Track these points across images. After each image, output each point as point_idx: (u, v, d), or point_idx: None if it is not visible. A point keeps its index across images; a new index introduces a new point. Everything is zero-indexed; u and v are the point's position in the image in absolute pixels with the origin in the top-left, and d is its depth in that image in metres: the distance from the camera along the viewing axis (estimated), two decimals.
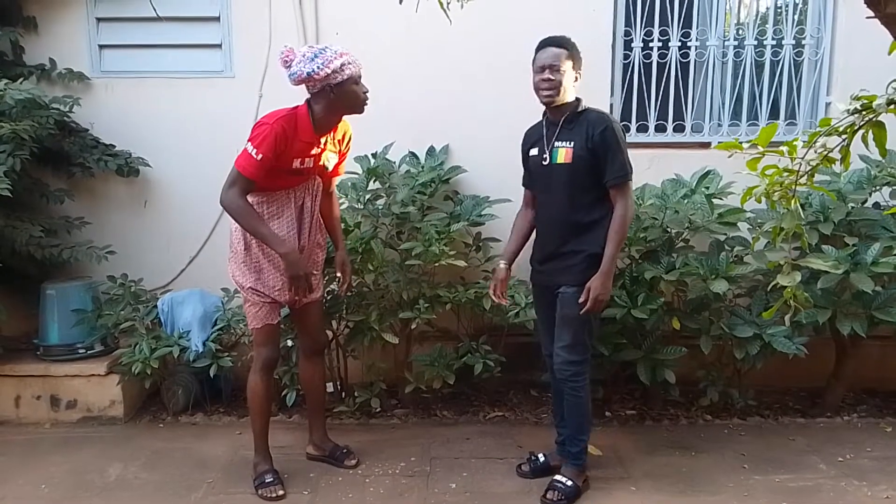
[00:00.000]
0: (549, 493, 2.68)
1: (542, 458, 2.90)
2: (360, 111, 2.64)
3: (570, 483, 2.69)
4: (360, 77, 2.59)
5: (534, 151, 2.72)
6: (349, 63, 2.51)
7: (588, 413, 2.73)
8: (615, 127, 2.57)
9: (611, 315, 3.04)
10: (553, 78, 2.55)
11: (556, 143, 2.61)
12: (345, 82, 2.52)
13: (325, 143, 2.68)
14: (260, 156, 2.47)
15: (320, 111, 2.59)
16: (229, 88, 3.71)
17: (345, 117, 2.72)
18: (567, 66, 2.56)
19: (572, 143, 2.58)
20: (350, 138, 2.85)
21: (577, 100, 2.64)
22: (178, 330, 3.48)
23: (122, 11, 3.67)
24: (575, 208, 2.61)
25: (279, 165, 2.55)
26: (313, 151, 2.64)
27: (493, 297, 2.82)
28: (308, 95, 2.60)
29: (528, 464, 2.91)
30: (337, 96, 2.54)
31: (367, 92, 2.62)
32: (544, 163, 2.65)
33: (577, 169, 2.58)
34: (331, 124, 2.66)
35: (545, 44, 2.60)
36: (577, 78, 2.61)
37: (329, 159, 2.75)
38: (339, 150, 2.82)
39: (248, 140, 2.51)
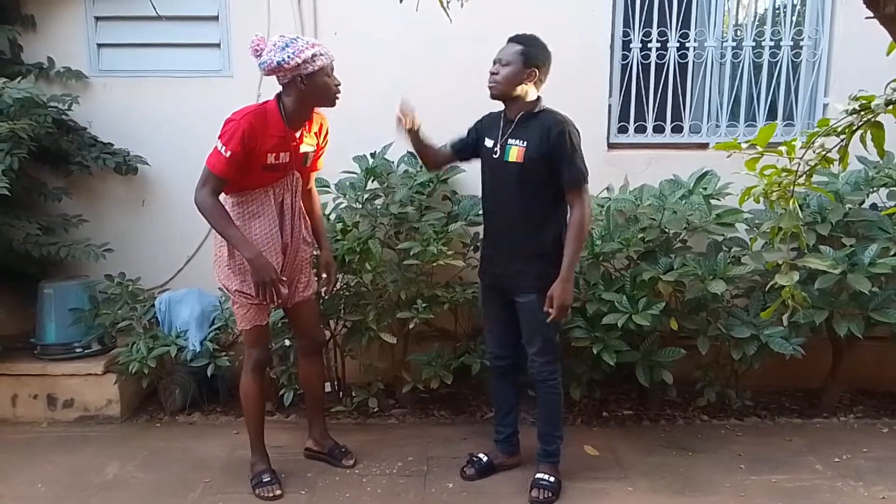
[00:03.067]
0: (534, 491, 2.70)
1: (484, 458, 2.91)
2: (332, 104, 2.60)
3: (552, 479, 2.73)
4: (332, 69, 2.55)
5: (488, 142, 2.70)
6: (321, 54, 2.47)
7: (562, 409, 2.81)
8: (572, 130, 2.55)
9: (612, 322, 3.04)
10: (496, 72, 2.56)
11: (510, 141, 2.60)
12: (316, 73, 2.48)
13: (300, 137, 2.65)
14: (229, 153, 2.44)
15: (291, 104, 2.55)
16: (228, 88, 3.70)
17: (323, 111, 2.68)
18: (517, 62, 2.53)
19: (525, 143, 2.56)
20: (327, 132, 2.81)
21: (537, 100, 2.62)
22: (175, 329, 3.47)
23: (121, 10, 3.66)
24: (526, 209, 2.60)
25: (252, 162, 2.51)
26: (287, 146, 2.60)
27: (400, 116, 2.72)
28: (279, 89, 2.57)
29: (470, 466, 2.90)
30: (308, 87, 2.50)
31: (339, 85, 2.58)
32: (495, 156, 2.64)
33: (528, 170, 2.57)
34: (303, 117, 2.62)
35: (508, 39, 2.61)
36: (532, 77, 2.56)
37: (307, 154, 2.71)
38: (317, 143, 2.77)
39: (218, 137, 2.47)
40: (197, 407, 3.58)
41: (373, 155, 3.50)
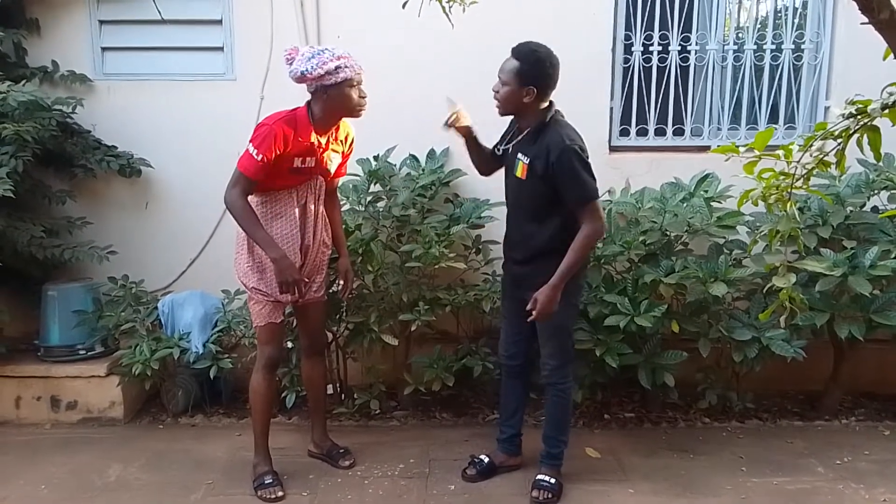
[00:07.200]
0: (535, 491, 2.72)
1: (485, 459, 2.93)
2: (355, 115, 2.66)
3: (553, 481, 2.74)
4: (358, 81, 2.59)
5: (504, 146, 2.75)
6: (346, 66, 2.53)
7: (570, 413, 2.83)
8: (572, 151, 2.44)
9: (614, 324, 3.05)
10: (497, 90, 2.57)
11: (519, 155, 2.59)
12: (339, 85, 2.54)
13: (326, 143, 2.71)
14: (261, 156, 2.51)
15: (318, 112, 2.62)
16: (231, 91, 3.72)
17: (346, 119, 2.74)
18: (513, 82, 2.49)
19: (529, 160, 2.54)
20: (352, 140, 2.88)
21: (548, 107, 2.57)
22: (178, 331, 3.49)
23: (125, 14, 3.68)
24: (532, 220, 2.62)
25: (280, 165, 2.58)
26: (314, 151, 2.67)
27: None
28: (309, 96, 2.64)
29: (472, 467, 2.91)
30: (330, 98, 2.57)
31: (365, 97, 2.63)
32: (508, 163, 2.69)
33: (530, 186, 2.57)
34: (329, 125, 2.69)
35: (511, 50, 2.54)
36: (530, 95, 2.48)
37: (332, 160, 2.78)
38: (342, 151, 2.84)
39: (250, 141, 2.54)
40: (199, 409, 3.59)
41: (375, 158, 3.51)
